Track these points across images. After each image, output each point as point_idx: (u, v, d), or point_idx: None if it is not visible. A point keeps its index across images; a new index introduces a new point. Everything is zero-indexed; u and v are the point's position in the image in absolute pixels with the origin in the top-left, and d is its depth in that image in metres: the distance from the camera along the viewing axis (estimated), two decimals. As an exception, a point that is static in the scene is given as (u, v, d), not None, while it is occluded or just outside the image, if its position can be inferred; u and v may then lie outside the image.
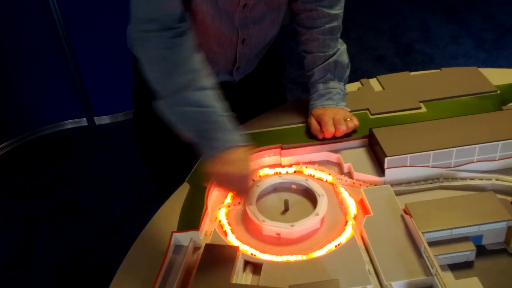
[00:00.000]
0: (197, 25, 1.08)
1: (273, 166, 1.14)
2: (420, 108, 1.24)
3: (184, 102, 0.95)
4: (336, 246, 0.93)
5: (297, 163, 1.14)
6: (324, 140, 1.15)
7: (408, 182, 1.06)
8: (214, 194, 1.07)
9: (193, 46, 0.99)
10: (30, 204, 2.35)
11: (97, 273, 1.99)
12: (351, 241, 0.92)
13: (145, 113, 1.30)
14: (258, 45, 1.24)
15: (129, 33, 0.99)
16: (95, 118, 2.84)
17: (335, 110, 1.18)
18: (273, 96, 1.43)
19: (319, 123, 1.16)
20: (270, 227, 0.96)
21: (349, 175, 1.10)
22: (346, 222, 0.98)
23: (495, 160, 1.07)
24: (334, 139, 1.15)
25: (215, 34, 1.12)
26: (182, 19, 0.99)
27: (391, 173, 1.06)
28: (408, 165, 1.05)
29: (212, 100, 0.96)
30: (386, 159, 1.04)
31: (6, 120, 2.66)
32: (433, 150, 1.04)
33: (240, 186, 0.97)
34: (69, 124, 2.84)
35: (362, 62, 3.23)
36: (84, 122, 2.85)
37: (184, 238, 0.95)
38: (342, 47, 1.25)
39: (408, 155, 1.04)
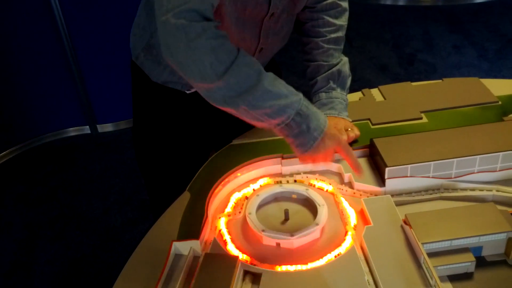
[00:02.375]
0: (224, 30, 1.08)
1: (273, 176, 1.15)
2: (421, 118, 1.25)
3: (261, 94, 0.91)
4: (335, 256, 0.92)
5: (297, 173, 1.14)
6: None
7: (409, 193, 1.06)
8: (214, 203, 1.07)
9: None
10: (32, 211, 2.36)
11: (98, 281, 1.99)
12: (351, 251, 0.92)
13: (147, 128, 1.31)
14: (270, 54, 1.25)
15: (161, 24, 0.91)
16: (98, 126, 2.85)
17: (336, 120, 1.18)
18: None
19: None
20: (270, 236, 0.96)
21: (350, 185, 1.10)
22: (346, 232, 0.98)
23: (495, 171, 1.07)
24: (335, 149, 1.15)
25: (237, 41, 1.11)
26: (217, 19, 0.94)
27: (391, 183, 1.06)
28: (408, 175, 1.05)
29: (285, 85, 0.94)
30: (387, 169, 1.04)
31: (10, 127, 2.67)
32: (433, 160, 1.04)
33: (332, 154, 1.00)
34: (72, 131, 2.84)
35: (365, 71, 3.24)
36: (87, 129, 2.85)
37: (184, 247, 0.95)
38: (344, 58, 1.26)
39: (409, 166, 1.04)
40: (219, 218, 1.04)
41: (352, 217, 1.01)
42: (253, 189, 1.11)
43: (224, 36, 0.90)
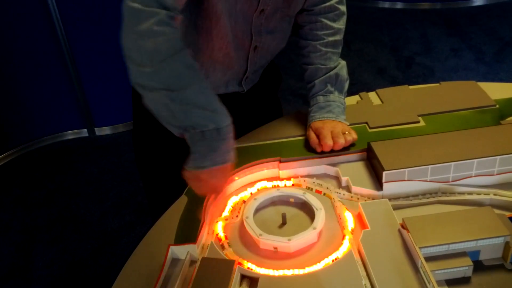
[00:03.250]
0: (219, 28, 1.09)
1: (271, 179, 1.14)
2: (418, 122, 1.25)
3: (189, 98, 0.91)
4: (333, 261, 0.92)
5: (295, 176, 1.14)
6: (323, 154, 1.15)
7: (406, 196, 1.06)
8: (212, 207, 1.07)
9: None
10: (30, 215, 2.35)
11: (96, 285, 1.98)
12: (348, 255, 0.92)
13: (146, 129, 1.31)
14: (267, 55, 1.25)
15: (124, 7, 0.93)
16: (95, 129, 2.85)
17: (334, 123, 1.18)
18: (270, 109, 1.43)
19: (318, 136, 1.16)
20: (267, 241, 0.96)
21: (347, 188, 1.10)
22: (344, 236, 0.98)
23: (493, 175, 1.06)
24: (333, 152, 1.15)
25: (232, 37, 1.12)
26: (178, 10, 0.95)
27: (389, 187, 1.06)
28: (406, 179, 1.05)
29: (219, 102, 0.94)
30: (384, 173, 1.04)
31: (7, 130, 2.67)
32: (431, 164, 1.04)
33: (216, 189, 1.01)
34: (70, 134, 2.84)
35: (363, 74, 3.24)
36: (84, 133, 2.85)
37: (181, 251, 0.95)
38: (342, 62, 1.26)
39: (406, 169, 1.04)
40: (217, 222, 1.04)
41: (350, 221, 1.01)
42: (251, 193, 1.11)
43: (171, 27, 0.91)
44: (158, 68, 0.90)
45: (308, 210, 1.04)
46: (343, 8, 1.24)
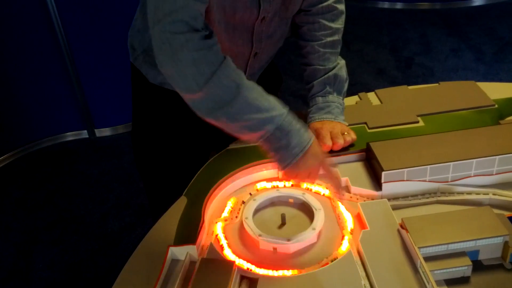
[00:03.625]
0: None
1: (270, 180, 1.15)
2: (417, 122, 1.25)
3: (240, 107, 0.92)
4: (332, 261, 0.92)
5: (294, 177, 1.14)
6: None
7: (405, 196, 1.06)
8: (211, 208, 1.07)
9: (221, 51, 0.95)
10: (30, 216, 2.35)
11: (96, 286, 1.99)
12: (348, 255, 0.92)
13: (145, 129, 1.31)
14: (266, 58, 1.25)
15: (155, 36, 0.94)
16: (95, 130, 2.85)
17: (333, 124, 1.18)
18: None
19: (317, 137, 1.16)
20: (267, 241, 0.96)
21: (346, 189, 1.10)
22: (343, 236, 0.98)
23: (492, 175, 1.07)
24: (332, 153, 1.15)
25: (229, 46, 1.12)
26: (205, 23, 0.95)
27: (388, 187, 1.06)
28: (405, 179, 1.05)
29: (268, 99, 0.95)
30: (383, 173, 1.04)
31: (7, 132, 2.67)
32: (430, 164, 1.04)
33: (316, 173, 1.01)
34: (70, 136, 2.84)
35: (363, 75, 3.24)
36: (84, 134, 2.85)
37: (180, 252, 0.95)
38: (341, 62, 1.25)
39: (405, 170, 1.04)
40: (216, 223, 1.04)
41: (349, 221, 1.01)
42: (250, 194, 1.11)
43: (208, 47, 0.91)
44: (205, 90, 0.90)
45: (307, 210, 1.04)
46: (341, 7, 1.23)
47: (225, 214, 1.06)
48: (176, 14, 0.90)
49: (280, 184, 1.13)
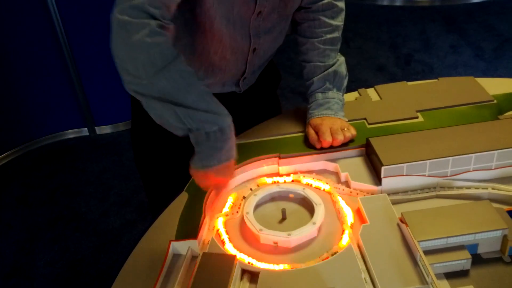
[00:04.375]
0: (214, 32, 1.09)
1: (271, 175, 1.15)
2: (417, 117, 1.25)
3: (189, 105, 0.92)
4: (332, 255, 0.93)
5: (295, 172, 1.15)
6: (322, 150, 1.16)
7: (405, 191, 1.07)
8: (212, 204, 1.08)
9: (175, 48, 0.94)
10: (31, 214, 2.36)
11: (98, 283, 1.99)
12: (348, 249, 0.93)
13: (144, 124, 1.31)
14: (265, 55, 1.26)
15: (113, 19, 0.95)
16: (96, 128, 2.85)
17: (333, 120, 1.19)
18: (269, 108, 1.44)
19: (317, 132, 1.17)
20: (268, 235, 0.97)
21: (346, 184, 1.11)
22: (343, 231, 0.99)
23: (491, 169, 1.07)
24: (332, 148, 1.16)
25: (229, 41, 1.13)
26: (169, 19, 0.95)
27: (387, 182, 1.07)
28: (404, 174, 1.06)
29: (218, 102, 0.95)
30: (383, 168, 1.05)
31: (8, 129, 2.68)
32: (429, 159, 1.05)
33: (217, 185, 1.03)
34: (71, 134, 2.85)
35: (362, 72, 3.25)
36: (85, 131, 2.86)
37: (182, 246, 0.96)
38: (341, 58, 1.26)
39: (405, 164, 1.05)
40: (217, 218, 1.05)
41: (349, 216, 1.02)
42: (251, 189, 1.12)
43: (164, 36, 0.91)
44: (154, 80, 0.91)
45: (307, 205, 1.05)
46: (341, 4, 1.24)
47: (226, 209, 1.07)
48: (138, 2, 0.91)
49: (281, 179, 1.13)
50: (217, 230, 1.02)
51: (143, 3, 0.90)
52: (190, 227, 0.99)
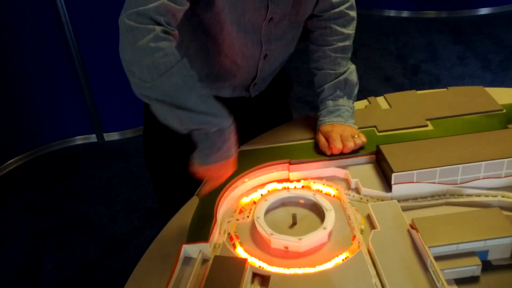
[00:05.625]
0: (224, 36, 1.11)
1: (281, 181, 1.16)
2: (426, 126, 1.26)
3: (190, 106, 0.94)
4: (343, 260, 0.94)
5: (305, 178, 1.16)
6: (332, 156, 1.17)
7: (415, 198, 1.08)
8: (222, 208, 1.09)
9: (179, 52, 0.97)
10: (39, 218, 2.37)
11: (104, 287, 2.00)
12: (358, 255, 0.94)
13: (156, 129, 1.32)
14: (276, 62, 1.27)
15: (120, 23, 0.98)
16: (104, 134, 2.87)
17: (343, 127, 1.20)
18: (280, 115, 1.45)
19: (327, 139, 1.18)
20: (278, 240, 0.98)
21: (357, 190, 1.12)
22: (354, 236, 1.00)
23: (501, 177, 1.08)
24: (342, 155, 1.17)
25: (240, 46, 1.14)
26: (174, 26, 0.98)
27: (398, 189, 1.07)
28: (415, 181, 1.07)
29: (218, 104, 0.97)
30: (393, 175, 1.06)
31: (17, 135, 2.70)
32: (439, 166, 1.06)
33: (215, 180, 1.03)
34: (79, 140, 2.87)
35: (369, 82, 3.26)
36: (93, 138, 2.88)
37: (193, 250, 0.97)
38: (352, 66, 1.27)
39: (415, 171, 1.06)
40: (228, 222, 1.05)
41: (359, 222, 1.03)
42: (261, 194, 1.13)
43: (168, 41, 0.95)
44: (157, 83, 0.94)
45: (318, 211, 1.06)
46: (353, 13, 1.25)
47: (237, 214, 1.08)
48: (144, 9, 0.94)
49: (291, 185, 1.14)
50: (228, 234, 1.03)
51: (149, 9, 0.94)
52: (201, 230, 1.00)
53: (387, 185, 1.09)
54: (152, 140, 1.36)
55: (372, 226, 1.01)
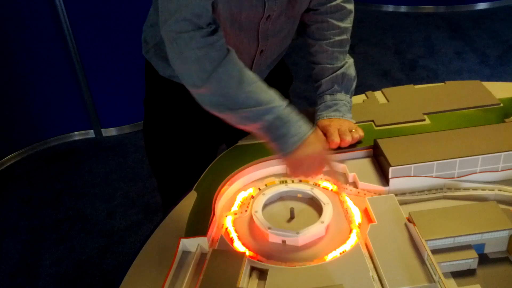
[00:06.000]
0: None
1: (279, 176, 1.16)
2: (424, 120, 1.26)
3: (241, 101, 0.96)
4: (340, 253, 0.94)
5: (302, 173, 1.16)
6: (330, 150, 1.17)
7: (412, 192, 1.08)
8: (221, 202, 1.09)
9: (225, 44, 0.99)
10: (37, 214, 2.38)
11: (103, 283, 2.00)
12: (356, 248, 0.94)
13: (156, 122, 1.33)
14: (272, 56, 1.27)
15: (164, 36, 0.99)
16: (102, 130, 2.87)
17: (341, 121, 1.20)
18: None
19: (325, 134, 1.18)
20: (276, 234, 0.98)
21: (354, 184, 1.12)
22: (351, 230, 1.00)
23: (497, 171, 1.08)
24: (340, 149, 1.17)
25: (234, 42, 1.14)
26: (213, 19, 0.99)
27: (395, 183, 1.08)
28: (412, 175, 1.07)
29: (268, 92, 0.98)
30: (391, 169, 1.06)
31: (15, 131, 2.70)
32: (436, 160, 1.06)
33: (318, 165, 1.02)
34: (77, 135, 2.87)
35: (367, 77, 3.26)
36: (91, 134, 2.88)
37: (191, 244, 0.97)
38: (349, 60, 1.27)
39: (412, 165, 1.06)
40: (226, 216, 1.06)
41: (357, 216, 1.03)
42: (259, 188, 1.13)
43: (210, 44, 0.96)
44: (207, 85, 0.95)
45: (315, 205, 1.06)
46: (350, 6, 1.25)
47: (235, 208, 1.08)
48: (179, 13, 0.94)
49: (289, 179, 1.14)
50: (226, 229, 1.03)
51: (185, 13, 0.94)
52: (199, 225, 1.00)
53: (385, 179, 1.09)
54: (153, 133, 1.35)
55: (370, 219, 1.01)
